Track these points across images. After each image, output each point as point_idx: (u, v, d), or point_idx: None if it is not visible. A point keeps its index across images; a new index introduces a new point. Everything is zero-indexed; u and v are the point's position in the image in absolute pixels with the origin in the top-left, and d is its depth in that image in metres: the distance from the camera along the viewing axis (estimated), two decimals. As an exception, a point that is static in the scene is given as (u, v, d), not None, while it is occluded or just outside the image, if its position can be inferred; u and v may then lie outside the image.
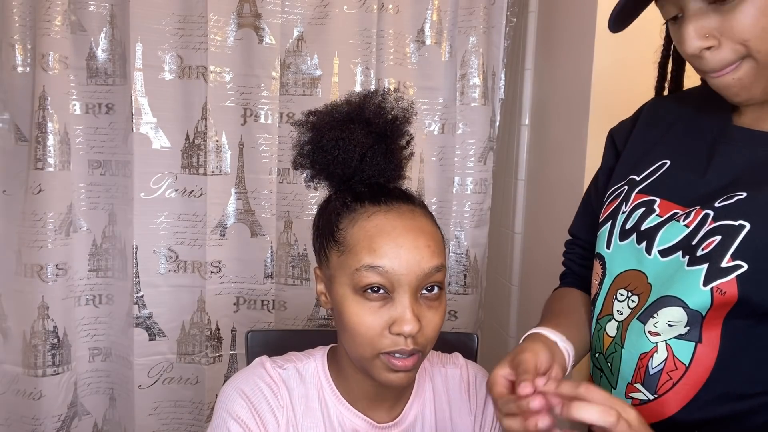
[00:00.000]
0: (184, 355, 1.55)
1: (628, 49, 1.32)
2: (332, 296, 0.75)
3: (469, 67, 1.62)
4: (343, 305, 0.72)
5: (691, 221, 0.72)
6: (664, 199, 0.77)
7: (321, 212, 0.79)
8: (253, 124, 1.52)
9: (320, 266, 0.78)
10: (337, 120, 0.76)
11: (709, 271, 0.68)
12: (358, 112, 0.76)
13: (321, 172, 0.78)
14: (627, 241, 0.78)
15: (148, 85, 1.46)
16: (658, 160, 0.80)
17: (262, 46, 1.49)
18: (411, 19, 1.58)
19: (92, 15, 1.44)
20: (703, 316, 0.69)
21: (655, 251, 0.74)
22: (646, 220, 0.77)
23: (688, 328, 0.70)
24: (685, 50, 0.69)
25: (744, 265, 0.66)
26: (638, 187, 0.80)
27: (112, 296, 1.55)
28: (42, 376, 1.45)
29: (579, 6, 1.40)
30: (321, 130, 0.76)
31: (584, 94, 1.35)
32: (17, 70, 1.40)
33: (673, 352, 0.72)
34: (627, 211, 0.79)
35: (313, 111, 0.78)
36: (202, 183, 1.50)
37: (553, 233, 1.57)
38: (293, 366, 0.81)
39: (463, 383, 0.87)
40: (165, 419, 1.56)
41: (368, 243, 0.70)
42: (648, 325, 0.73)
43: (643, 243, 0.76)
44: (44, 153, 1.40)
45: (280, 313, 1.59)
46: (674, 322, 0.71)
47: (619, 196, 0.82)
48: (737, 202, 0.69)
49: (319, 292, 0.79)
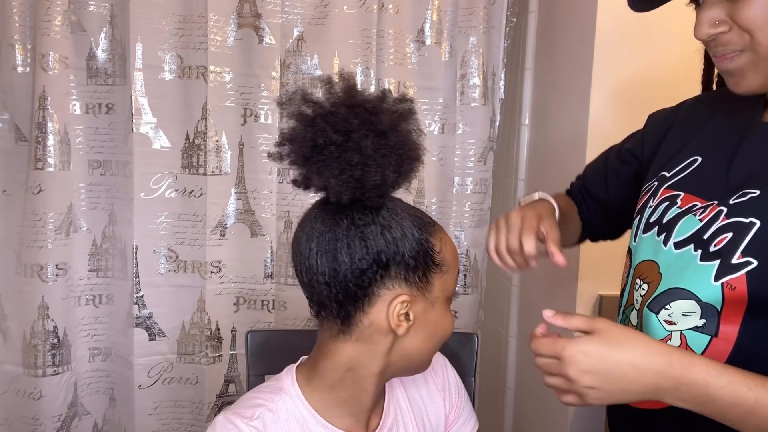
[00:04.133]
0: (184, 355, 1.55)
1: (628, 49, 1.32)
2: (424, 316, 0.74)
3: (469, 67, 1.62)
4: (442, 319, 0.76)
5: (706, 215, 0.74)
6: (688, 193, 0.78)
7: (391, 241, 0.70)
8: (253, 124, 1.52)
9: (411, 292, 0.72)
10: (372, 128, 0.68)
11: (720, 267, 0.70)
12: (373, 117, 0.69)
13: (350, 184, 0.67)
14: (649, 233, 0.81)
15: (148, 85, 1.46)
16: (690, 157, 0.82)
17: (262, 46, 1.49)
18: (411, 19, 1.58)
19: (92, 15, 1.44)
20: (719, 310, 0.70)
21: (671, 243, 0.76)
22: (668, 213, 0.79)
23: (705, 321, 0.71)
24: (696, 35, 0.72)
25: (754, 262, 0.68)
26: (667, 183, 0.82)
27: (112, 296, 1.55)
28: (42, 376, 1.45)
29: (579, 6, 1.41)
30: (355, 138, 0.67)
31: (584, 94, 1.35)
32: (17, 70, 1.40)
33: (687, 342, 0.73)
34: (653, 205, 0.82)
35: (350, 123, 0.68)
36: (202, 183, 1.50)
37: (553, 233, 1.57)
38: (265, 410, 0.74)
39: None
40: (165, 419, 1.56)
41: (455, 255, 0.77)
42: (662, 314, 0.75)
43: (662, 235, 0.78)
44: (44, 153, 1.40)
45: (280, 313, 1.59)
46: (688, 312, 0.72)
47: (648, 191, 0.85)
48: (750, 199, 0.71)
49: (398, 321, 0.72)
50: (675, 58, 1.12)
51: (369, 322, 0.73)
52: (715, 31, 0.70)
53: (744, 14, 0.67)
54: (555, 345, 0.67)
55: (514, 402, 1.75)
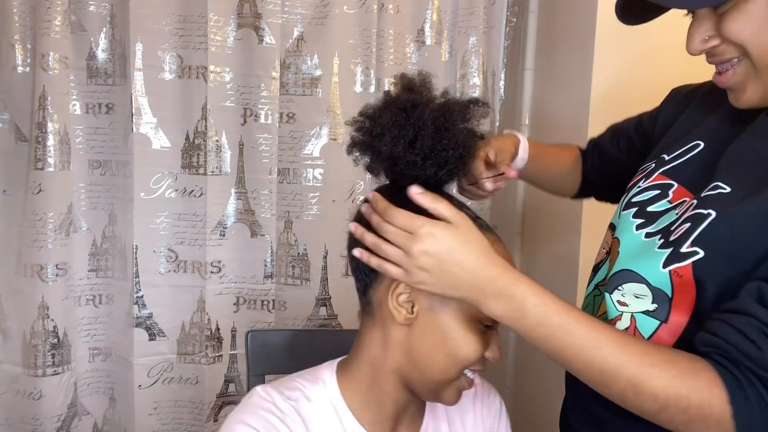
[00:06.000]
0: (184, 355, 1.55)
1: (628, 49, 1.32)
2: (428, 317, 0.72)
3: (469, 67, 1.62)
4: (450, 331, 0.71)
5: (683, 209, 0.74)
6: (681, 186, 0.78)
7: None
8: (253, 124, 1.52)
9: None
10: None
11: (670, 255, 0.71)
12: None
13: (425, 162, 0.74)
14: (626, 212, 0.81)
15: (148, 85, 1.46)
16: (692, 141, 0.81)
17: (262, 46, 1.49)
18: (411, 19, 1.58)
19: (92, 15, 1.44)
20: (669, 297, 0.71)
21: (644, 231, 0.77)
22: (656, 204, 0.78)
23: (656, 306, 0.72)
24: (687, 50, 0.72)
25: (700, 252, 0.68)
26: (663, 167, 0.81)
27: (112, 296, 1.55)
28: (42, 376, 1.45)
29: (579, 6, 1.41)
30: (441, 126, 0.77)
31: (584, 94, 1.35)
32: (17, 70, 1.40)
33: (636, 325, 0.74)
34: (643, 187, 0.82)
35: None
36: (202, 183, 1.50)
37: (553, 233, 1.57)
38: (301, 394, 0.75)
39: (475, 397, 0.87)
40: (165, 419, 1.56)
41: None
42: (615, 295, 0.76)
43: (638, 219, 0.78)
44: (44, 153, 1.40)
45: (280, 313, 1.59)
46: (640, 295, 0.73)
47: (643, 172, 0.85)
48: (719, 194, 0.70)
49: (398, 305, 0.72)
50: (675, 59, 1.12)
51: (378, 300, 0.74)
52: (707, 47, 0.70)
53: (729, 29, 0.67)
54: (414, 220, 0.68)
55: (512, 402, 1.75)
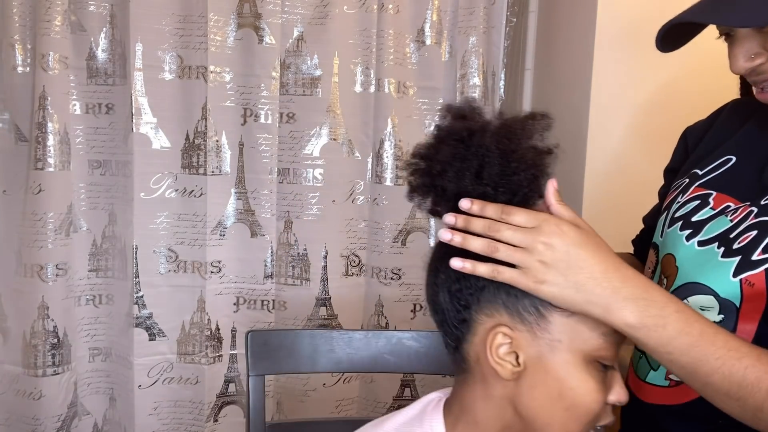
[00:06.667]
0: (184, 355, 1.55)
1: (627, 49, 1.32)
2: (538, 366, 0.61)
3: (469, 67, 1.62)
4: (567, 380, 0.61)
5: (737, 216, 0.73)
6: (720, 193, 0.77)
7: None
8: (253, 124, 1.52)
9: (515, 326, 0.62)
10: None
11: (740, 263, 0.69)
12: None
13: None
14: (672, 228, 0.80)
15: (148, 85, 1.45)
16: (724, 156, 0.81)
17: (262, 46, 1.49)
18: (411, 19, 1.58)
19: (92, 15, 1.44)
20: (737, 307, 0.70)
21: (695, 240, 0.76)
22: (699, 213, 0.78)
23: (722, 317, 0.71)
24: (732, 70, 0.71)
25: None
26: (699, 181, 0.81)
27: (112, 296, 1.55)
28: (42, 376, 1.45)
29: (579, 6, 1.41)
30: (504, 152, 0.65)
31: (584, 94, 1.35)
32: (17, 70, 1.40)
33: None
34: (682, 201, 0.81)
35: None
36: (202, 183, 1.50)
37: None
38: None
39: None
40: (165, 419, 1.56)
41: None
42: None
43: (685, 231, 0.77)
44: (44, 153, 1.40)
45: (280, 313, 1.59)
46: (707, 307, 0.72)
47: (677, 188, 0.84)
48: None
49: (500, 358, 0.62)
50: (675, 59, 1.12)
51: (475, 355, 0.64)
52: (753, 65, 0.69)
53: None
54: (537, 215, 0.60)
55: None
